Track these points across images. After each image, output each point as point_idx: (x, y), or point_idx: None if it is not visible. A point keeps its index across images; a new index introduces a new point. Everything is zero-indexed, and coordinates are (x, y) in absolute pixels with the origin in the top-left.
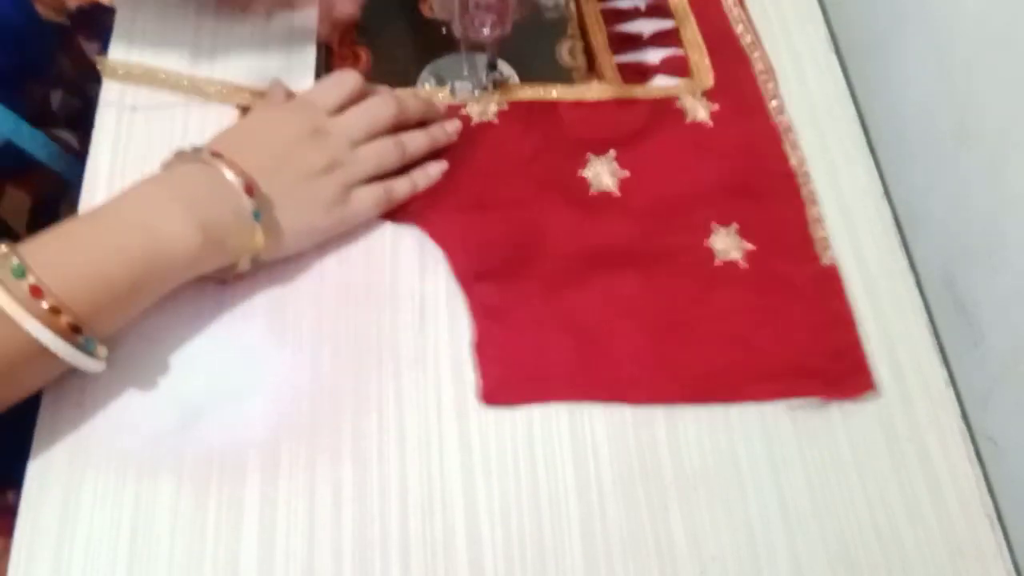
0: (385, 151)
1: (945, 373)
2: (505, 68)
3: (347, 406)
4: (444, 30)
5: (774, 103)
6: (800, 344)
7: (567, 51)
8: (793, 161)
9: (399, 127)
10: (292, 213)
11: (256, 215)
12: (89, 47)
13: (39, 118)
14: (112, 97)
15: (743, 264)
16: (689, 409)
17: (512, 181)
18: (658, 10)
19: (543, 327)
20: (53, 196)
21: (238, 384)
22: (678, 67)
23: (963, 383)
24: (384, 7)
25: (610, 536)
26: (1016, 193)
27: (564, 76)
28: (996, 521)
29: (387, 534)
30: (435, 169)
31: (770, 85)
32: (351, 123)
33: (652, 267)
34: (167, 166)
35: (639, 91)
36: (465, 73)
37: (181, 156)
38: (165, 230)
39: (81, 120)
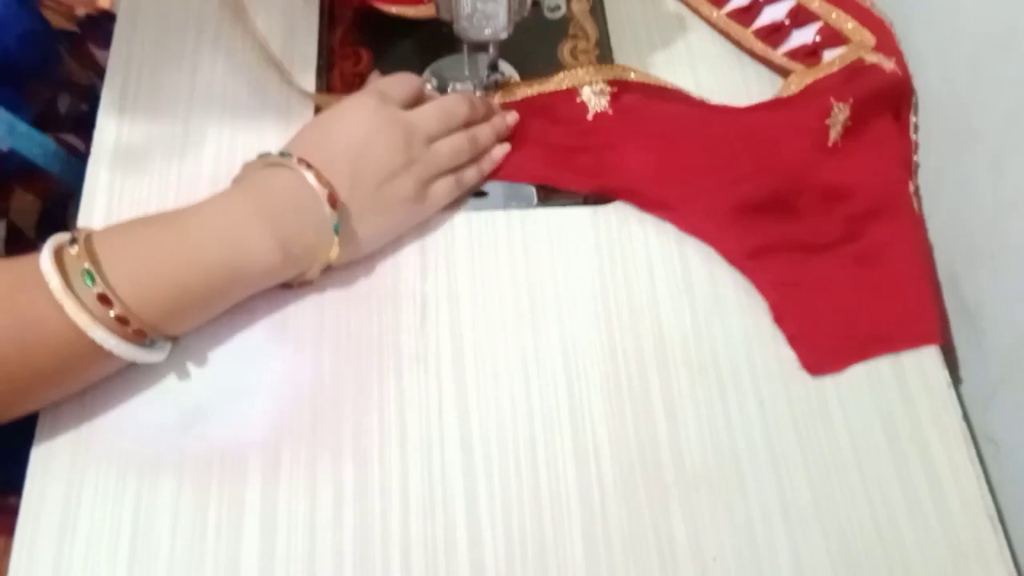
0: (460, 146)
1: (947, 374)
2: (507, 68)
3: (348, 405)
4: (445, 30)
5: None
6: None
7: (568, 51)
8: (912, 129)
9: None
10: (371, 218)
11: (336, 227)
12: (100, 54)
13: (45, 121)
14: (113, 100)
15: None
16: (690, 408)
17: (758, 154)
18: None
19: (832, 283)
20: (62, 198)
21: (239, 383)
22: (833, 37)
23: (965, 384)
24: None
25: (611, 536)
26: (1020, 193)
27: None
28: (997, 521)
29: (388, 534)
30: (499, 152)
31: (893, 38)
32: (429, 119)
33: (888, 212)
34: (250, 168)
35: (828, 68)
36: (466, 73)
37: (265, 160)
38: (247, 244)
39: (88, 124)
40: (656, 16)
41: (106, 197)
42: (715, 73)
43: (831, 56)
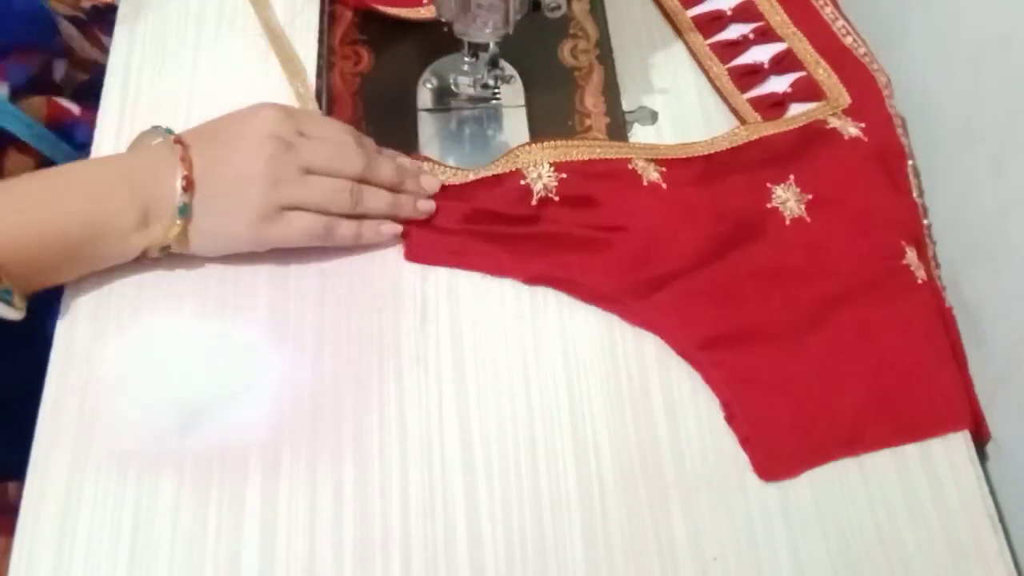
0: (335, 192)
1: None
2: (507, 67)
3: (348, 405)
4: (445, 29)
5: (898, 123)
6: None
7: (569, 51)
8: (915, 192)
9: (366, 182)
10: (215, 215)
11: (181, 210)
12: (105, 39)
13: (38, 84)
14: (113, 100)
15: (938, 283)
16: (690, 408)
17: (704, 242)
18: (765, 35)
19: (794, 383)
20: (55, 161)
21: (239, 383)
22: (808, 90)
23: None
24: None
25: (611, 536)
26: (1020, 193)
27: (566, 75)
28: (997, 521)
29: (388, 533)
30: (387, 228)
31: (893, 102)
32: (315, 151)
33: (865, 294)
34: (142, 135)
35: (784, 124)
36: (466, 71)
37: (156, 131)
38: (107, 201)
39: (88, 93)
40: (656, 16)
41: None
42: None
43: (796, 111)
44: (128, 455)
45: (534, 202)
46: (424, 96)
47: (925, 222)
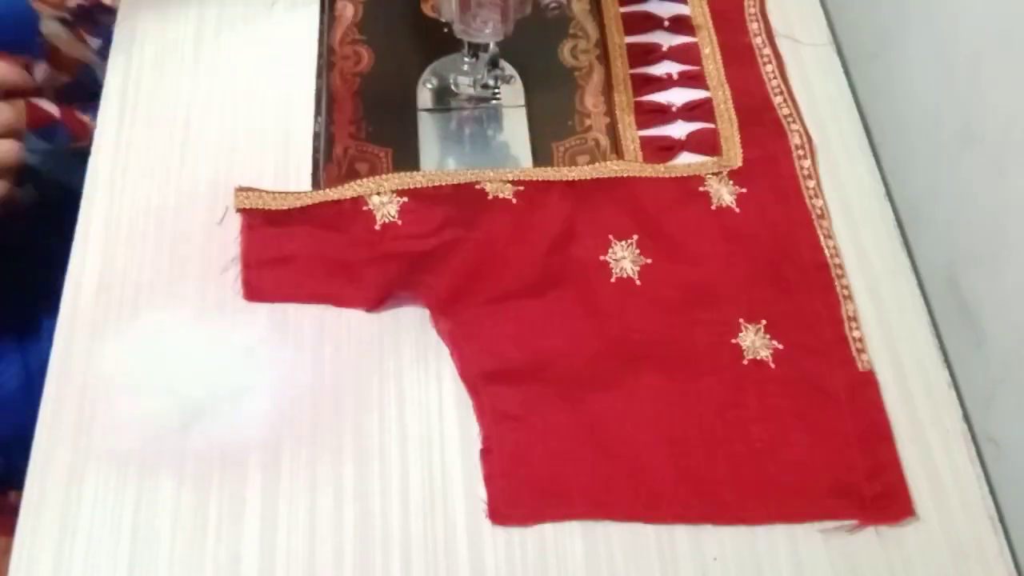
0: None
1: (947, 374)
2: (507, 67)
3: (348, 405)
4: (445, 30)
5: (811, 184)
6: (833, 458)
7: (569, 51)
8: (827, 252)
9: None
10: None
11: None
12: (91, 40)
13: (17, 87)
14: (113, 101)
15: (772, 365)
16: None
17: (529, 268)
18: (692, 79)
19: (561, 435)
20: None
21: (239, 383)
22: (706, 143)
23: (965, 384)
24: (385, 7)
25: (611, 536)
26: (1019, 194)
27: (566, 75)
28: (998, 522)
29: (388, 533)
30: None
31: (806, 163)
32: None
33: (677, 367)
34: None
35: (661, 170)
36: (466, 71)
37: None
38: None
39: (69, 94)
40: None
41: (107, 198)
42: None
43: (683, 160)
44: (128, 455)
45: (378, 227)
46: (424, 96)
47: (843, 280)
